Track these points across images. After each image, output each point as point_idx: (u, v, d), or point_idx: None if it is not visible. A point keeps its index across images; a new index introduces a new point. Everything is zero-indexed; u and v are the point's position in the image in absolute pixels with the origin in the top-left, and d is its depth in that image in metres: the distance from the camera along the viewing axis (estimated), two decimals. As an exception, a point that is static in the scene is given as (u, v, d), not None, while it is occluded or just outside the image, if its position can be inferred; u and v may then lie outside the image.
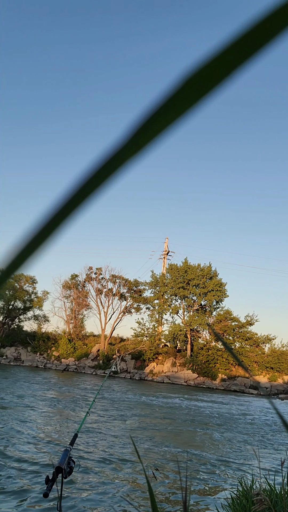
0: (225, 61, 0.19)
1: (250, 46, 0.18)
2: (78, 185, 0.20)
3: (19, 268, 0.21)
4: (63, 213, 0.20)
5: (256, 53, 0.19)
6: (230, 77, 0.19)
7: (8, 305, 38.16)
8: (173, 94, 0.19)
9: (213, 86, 0.19)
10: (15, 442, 8.31)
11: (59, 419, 11.55)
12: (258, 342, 35.16)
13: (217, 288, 36.25)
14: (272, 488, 3.74)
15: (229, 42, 0.19)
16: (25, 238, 0.20)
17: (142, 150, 0.20)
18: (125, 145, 0.20)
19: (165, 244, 44.34)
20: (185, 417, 14.47)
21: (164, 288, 37.35)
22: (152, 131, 0.20)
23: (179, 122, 0.20)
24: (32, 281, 39.60)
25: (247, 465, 8.15)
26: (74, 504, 5.42)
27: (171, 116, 0.20)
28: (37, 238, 0.20)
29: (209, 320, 36.30)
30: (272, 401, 0.42)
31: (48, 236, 0.20)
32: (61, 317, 43.48)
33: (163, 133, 0.20)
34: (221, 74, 0.19)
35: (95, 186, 0.20)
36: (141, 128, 0.19)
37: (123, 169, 0.20)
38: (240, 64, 0.19)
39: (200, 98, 0.19)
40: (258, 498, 2.31)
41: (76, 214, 0.20)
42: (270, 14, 0.18)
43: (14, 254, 0.21)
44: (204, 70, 0.19)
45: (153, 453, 8.52)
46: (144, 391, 22.50)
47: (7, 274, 0.21)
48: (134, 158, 0.20)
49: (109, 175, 0.20)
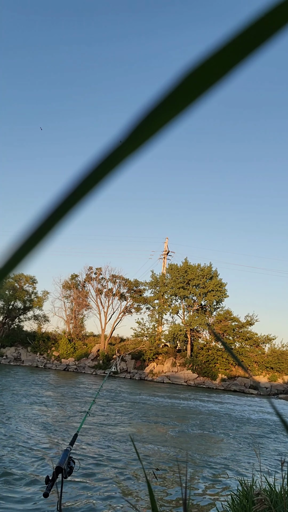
0: (224, 59, 0.19)
1: (248, 44, 0.18)
2: (76, 183, 0.20)
3: (17, 267, 0.21)
4: (60, 212, 0.20)
5: (255, 52, 0.19)
6: (229, 75, 0.19)
7: (8, 305, 38.16)
8: (172, 91, 0.19)
9: (212, 84, 0.19)
10: (15, 442, 8.30)
11: (59, 419, 11.55)
12: (258, 342, 35.15)
13: (217, 288, 36.24)
14: (272, 488, 3.74)
15: (227, 40, 0.18)
16: (23, 237, 0.20)
17: (141, 148, 0.20)
18: (123, 142, 0.19)
19: (165, 244, 44.35)
20: (185, 417, 14.47)
21: (164, 288, 37.35)
22: (151, 128, 0.19)
23: (178, 120, 0.20)
24: (32, 281, 39.61)
25: (247, 465, 8.15)
26: (74, 504, 5.41)
27: (170, 113, 0.19)
28: (35, 237, 0.20)
29: (209, 320, 36.30)
30: (271, 401, 0.42)
31: (46, 235, 0.20)
32: (61, 317, 43.50)
33: (161, 131, 0.20)
34: (220, 71, 0.19)
35: (93, 184, 0.20)
36: (140, 126, 0.19)
37: (121, 167, 0.20)
38: (238, 62, 0.19)
39: (199, 95, 0.19)
40: (259, 498, 2.30)
41: (74, 212, 0.20)
42: (268, 13, 0.18)
43: (12, 253, 0.20)
44: (203, 68, 0.19)
45: (153, 453, 8.51)
46: (144, 391, 22.49)
47: (4, 273, 0.21)
48: (132, 156, 0.20)
49: (108, 172, 0.20)
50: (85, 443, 8.80)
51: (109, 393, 19.64)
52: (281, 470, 4.68)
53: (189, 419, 13.98)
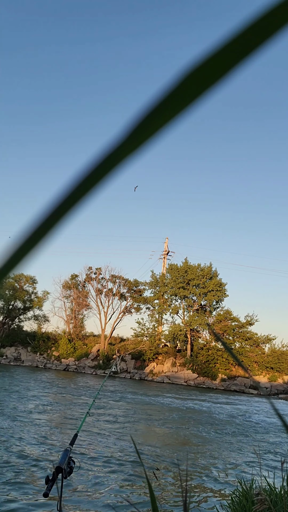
0: (224, 58, 0.19)
1: (248, 44, 0.18)
2: (76, 183, 0.20)
3: (17, 267, 0.21)
4: (60, 212, 0.20)
5: (255, 51, 0.19)
6: (229, 75, 0.19)
7: (8, 305, 38.17)
8: (172, 91, 0.19)
9: (212, 83, 0.19)
10: (15, 442, 8.30)
11: (59, 419, 11.55)
12: (258, 342, 35.15)
13: (217, 288, 36.25)
14: (272, 488, 3.74)
15: (227, 40, 0.18)
16: (22, 237, 0.20)
17: (141, 147, 0.20)
18: (123, 142, 0.19)
19: (165, 244, 44.35)
20: (185, 417, 14.47)
21: (164, 288, 37.35)
22: (151, 128, 0.19)
23: (178, 120, 0.20)
24: (32, 281, 39.62)
25: (247, 465, 8.15)
26: (74, 504, 5.42)
27: (170, 113, 0.19)
28: (35, 237, 0.20)
29: (209, 320, 36.30)
30: (271, 401, 0.42)
31: (46, 234, 0.20)
32: (61, 317, 43.52)
33: (162, 131, 0.20)
34: (219, 71, 0.19)
35: (93, 184, 0.20)
36: (140, 125, 0.19)
37: (121, 167, 0.20)
38: (238, 62, 0.19)
39: (199, 95, 0.19)
40: (259, 498, 2.30)
41: (74, 212, 0.20)
42: (268, 12, 0.18)
43: (12, 253, 0.20)
44: (204, 67, 0.19)
45: (154, 453, 8.51)
46: (144, 391, 22.49)
47: (4, 273, 0.21)
48: (132, 155, 0.20)
49: (108, 172, 0.20)
50: (85, 443, 8.80)
51: (109, 393, 19.64)
52: (281, 470, 4.68)
53: (189, 419, 13.97)
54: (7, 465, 6.72)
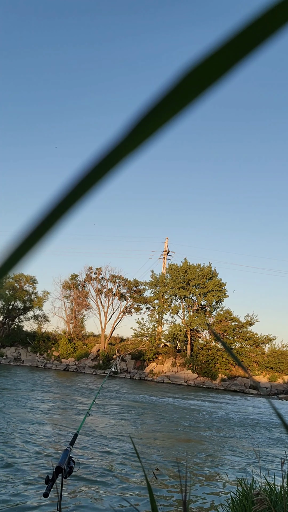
0: (223, 58, 0.19)
1: (247, 44, 0.18)
2: (75, 183, 0.20)
3: (17, 267, 0.21)
4: (60, 211, 0.20)
5: (255, 52, 0.19)
6: (228, 75, 0.19)
7: (8, 305, 38.18)
8: (171, 91, 0.19)
9: (212, 83, 0.19)
10: (15, 442, 8.31)
11: (59, 419, 11.56)
12: (258, 342, 35.17)
13: (217, 288, 36.27)
14: (272, 488, 3.74)
15: (226, 39, 0.18)
16: (22, 237, 0.20)
17: (140, 147, 0.20)
18: (123, 141, 0.19)
19: (165, 244, 44.36)
20: (185, 417, 14.47)
21: (164, 288, 37.37)
22: (150, 128, 0.19)
23: (177, 120, 0.20)
24: (32, 281, 39.64)
25: (247, 465, 8.15)
26: (74, 504, 5.42)
27: (169, 113, 0.19)
28: (34, 237, 0.20)
29: (209, 320, 36.32)
30: (271, 401, 0.42)
31: (45, 234, 0.20)
32: (61, 317, 43.53)
33: (161, 131, 0.20)
34: (219, 71, 0.19)
35: (93, 184, 0.20)
36: (139, 125, 0.19)
37: (121, 166, 0.20)
38: (238, 62, 0.19)
39: (198, 95, 0.19)
40: (259, 498, 2.30)
41: (74, 212, 0.20)
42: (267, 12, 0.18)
43: (12, 252, 0.20)
44: (203, 66, 0.19)
45: (153, 453, 8.52)
46: (144, 391, 22.49)
47: (4, 273, 0.21)
48: (132, 155, 0.20)
49: (107, 172, 0.20)
50: (85, 443, 8.80)
51: (109, 393, 19.64)
52: (281, 470, 4.69)
53: (189, 419, 13.98)
54: (7, 465, 6.72)
